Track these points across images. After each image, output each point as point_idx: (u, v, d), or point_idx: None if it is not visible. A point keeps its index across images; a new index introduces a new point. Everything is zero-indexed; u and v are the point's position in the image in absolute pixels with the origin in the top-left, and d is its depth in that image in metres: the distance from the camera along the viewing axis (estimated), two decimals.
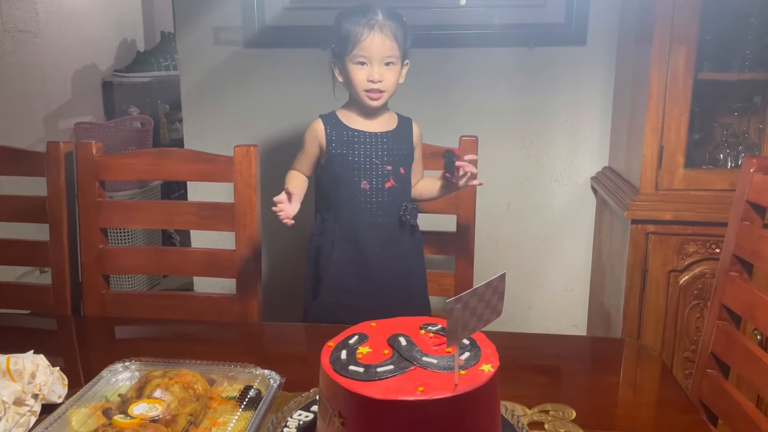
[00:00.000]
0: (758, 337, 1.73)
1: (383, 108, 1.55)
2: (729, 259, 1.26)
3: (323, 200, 1.61)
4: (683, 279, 1.80)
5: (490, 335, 0.92)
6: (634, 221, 1.78)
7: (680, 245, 1.78)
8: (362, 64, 1.47)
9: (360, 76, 1.47)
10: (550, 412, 1.03)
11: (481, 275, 2.34)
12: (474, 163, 1.46)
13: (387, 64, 1.47)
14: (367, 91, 1.48)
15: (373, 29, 1.44)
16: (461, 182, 1.46)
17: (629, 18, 2.01)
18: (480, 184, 1.49)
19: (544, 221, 2.28)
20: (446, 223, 1.70)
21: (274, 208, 1.39)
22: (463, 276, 1.66)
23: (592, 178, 2.20)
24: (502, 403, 0.95)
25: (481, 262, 2.28)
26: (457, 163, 1.44)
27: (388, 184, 1.51)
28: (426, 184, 1.62)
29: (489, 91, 2.20)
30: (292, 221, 1.40)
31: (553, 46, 2.15)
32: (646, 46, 1.77)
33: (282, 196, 1.40)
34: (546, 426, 0.99)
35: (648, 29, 1.76)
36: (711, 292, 1.30)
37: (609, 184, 2.02)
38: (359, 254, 1.52)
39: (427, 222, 1.67)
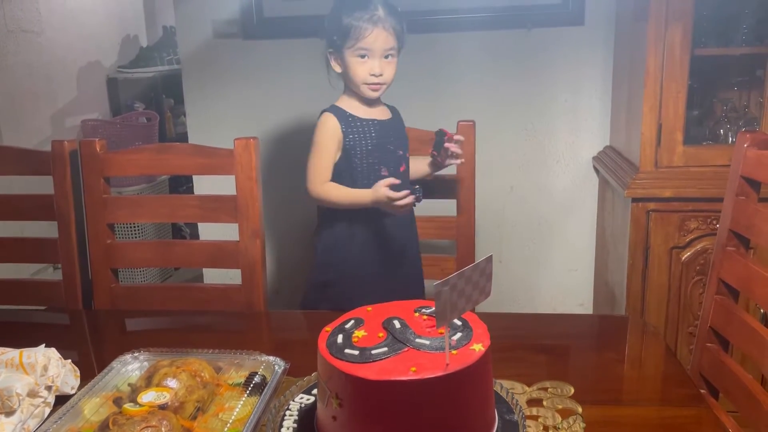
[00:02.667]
0: (761, 311, 1.74)
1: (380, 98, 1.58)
2: (726, 234, 1.27)
3: None
4: (685, 255, 1.81)
5: (493, 316, 0.94)
6: (634, 199, 1.79)
7: (681, 222, 1.79)
8: (363, 57, 1.49)
9: (361, 69, 1.49)
10: (549, 389, 1.05)
11: None
12: (460, 143, 1.55)
13: (387, 57, 1.50)
14: (368, 84, 1.51)
15: (376, 25, 1.47)
16: (446, 162, 1.57)
17: None
18: (461, 162, 1.58)
19: (548, 202, 2.30)
20: (447, 207, 1.72)
21: (405, 201, 1.41)
22: (465, 259, 1.68)
23: (594, 158, 2.21)
24: (501, 382, 0.97)
25: (485, 244, 2.30)
26: (446, 145, 1.53)
27: (402, 168, 1.57)
28: (413, 164, 1.65)
29: (489, 74, 2.21)
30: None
31: (551, 27, 2.15)
32: (642, 24, 1.77)
33: (398, 192, 1.42)
34: (544, 403, 1.02)
35: (644, 6, 1.75)
36: None
37: (610, 164, 2.03)
38: (379, 240, 1.57)
39: (428, 207, 1.69)
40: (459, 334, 0.80)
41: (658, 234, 1.80)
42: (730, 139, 1.90)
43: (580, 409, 0.99)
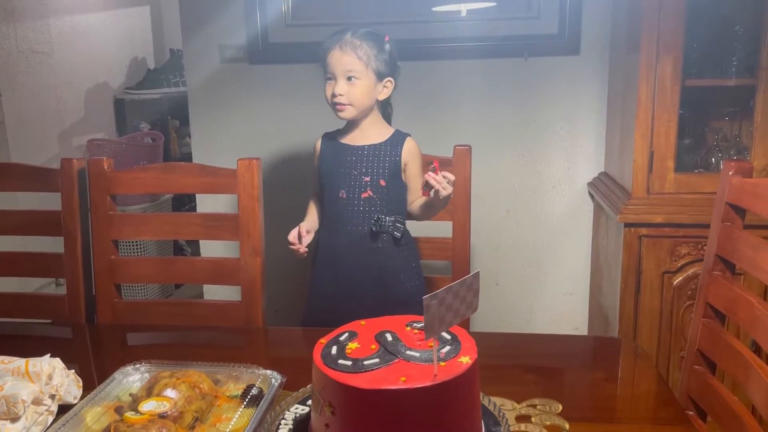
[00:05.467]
0: (751, 339, 1.77)
1: (372, 123, 1.62)
2: (712, 259, 1.31)
3: (320, 211, 1.71)
4: (677, 280, 1.85)
5: (487, 336, 0.98)
6: (627, 225, 1.83)
7: (673, 247, 1.83)
8: (329, 79, 1.57)
9: (328, 90, 1.58)
10: (538, 406, 1.08)
11: (482, 281, 2.39)
12: (450, 181, 1.47)
13: (349, 78, 1.55)
14: (334, 104, 1.57)
15: (335, 47, 1.55)
16: (431, 194, 1.48)
17: (619, 27, 2.07)
18: (446, 195, 1.47)
19: (544, 227, 2.34)
20: (443, 229, 1.76)
21: (290, 246, 1.58)
22: None
23: (589, 184, 2.26)
24: (491, 398, 1.00)
25: (482, 267, 2.34)
26: (425, 176, 1.47)
27: (364, 195, 1.58)
28: (417, 202, 1.64)
29: (486, 101, 2.27)
30: (305, 253, 1.60)
31: (547, 56, 2.21)
32: (634, 55, 1.83)
33: (294, 237, 1.58)
34: (533, 419, 1.05)
35: (636, 38, 1.82)
36: None
37: (604, 189, 2.07)
38: (334, 259, 1.63)
39: (424, 228, 1.73)
40: (448, 347, 0.84)
41: (650, 259, 1.84)
42: (721, 167, 1.94)
43: (567, 426, 1.02)
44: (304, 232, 1.60)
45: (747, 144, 1.98)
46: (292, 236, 1.60)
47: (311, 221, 1.68)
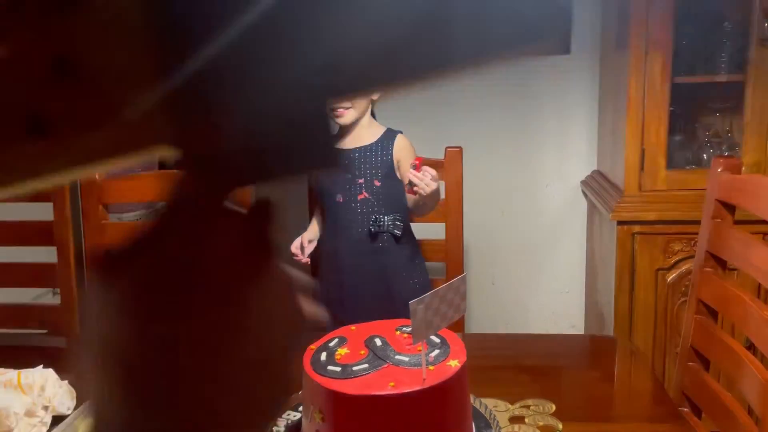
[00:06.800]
0: (745, 336, 1.77)
1: (365, 124, 1.63)
2: (704, 256, 1.31)
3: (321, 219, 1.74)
4: (670, 277, 1.85)
5: (482, 337, 0.98)
6: (620, 222, 1.84)
7: (666, 244, 1.83)
8: None
9: None
10: (531, 407, 1.08)
11: (478, 281, 2.39)
12: (433, 176, 1.50)
13: None
14: (332, 110, 1.57)
15: None
16: (415, 190, 1.50)
17: (609, 25, 2.08)
18: (418, 192, 1.50)
19: (538, 226, 2.34)
20: (436, 231, 1.76)
21: (293, 257, 1.63)
22: None
23: (582, 182, 2.26)
24: (485, 400, 1.01)
25: (478, 268, 2.34)
26: (407, 174, 1.49)
27: (360, 197, 1.60)
28: (412, 199, 1.65)
29: (478, 102, 2.27)
30: (308, 262, 1.65)
31: (538, 55, 2.21)
32: (624, 52, 1.83)
33: (296, 248, 1.63)
34: (526, 420, 1.05)
35: (625, 35, 1.82)
36: None
37: (597, 187, 2.08)
38: (337, 264, 1.63)
39: (417, 230, 1.73)
40: (437, 351, 0.84)
41: (644, 256, 1.84)
42: None
43: (560, 426, 1.02)
44: (306, 242, 1.64)
45: (738, 140, 1.98)
46: (295, 247, 1.63)
47: (313, 231, 1.71)
